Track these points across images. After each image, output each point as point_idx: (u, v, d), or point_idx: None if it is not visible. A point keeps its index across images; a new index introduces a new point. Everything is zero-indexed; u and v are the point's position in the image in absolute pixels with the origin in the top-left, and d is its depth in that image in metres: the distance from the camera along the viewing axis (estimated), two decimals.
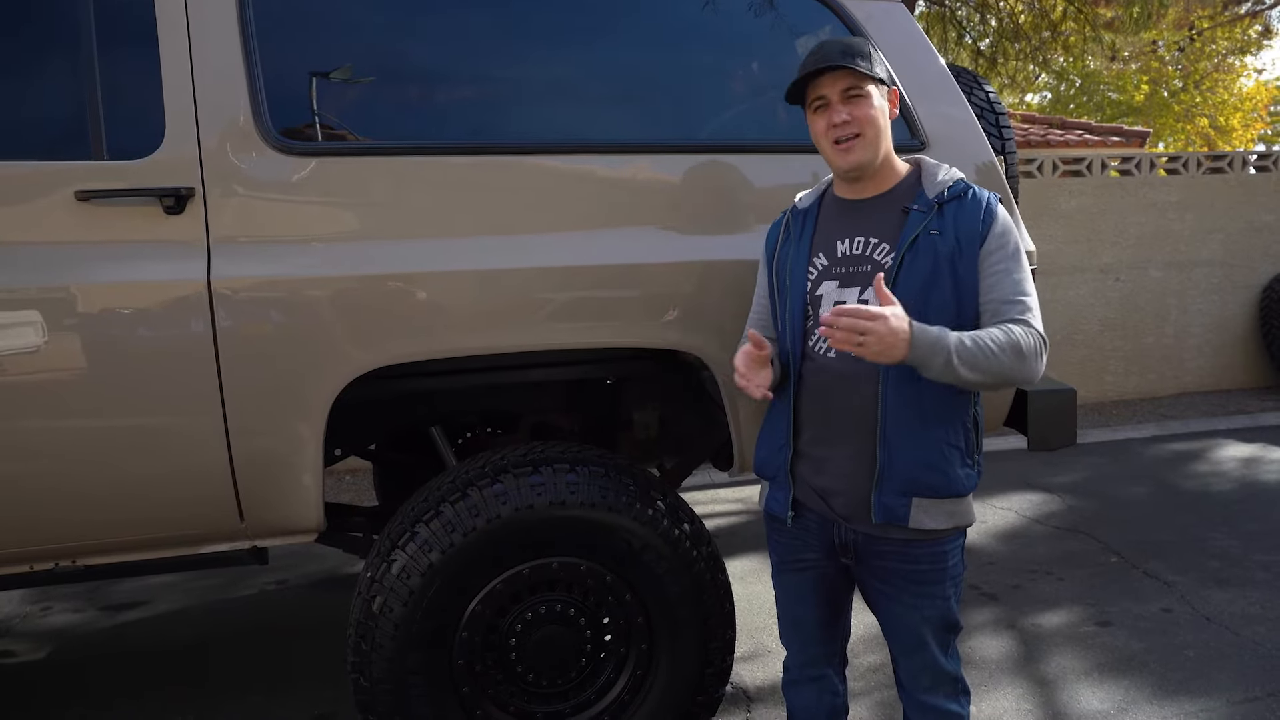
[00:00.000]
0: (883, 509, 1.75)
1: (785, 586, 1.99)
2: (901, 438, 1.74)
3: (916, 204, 1.77)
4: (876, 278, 1.62)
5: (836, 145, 1.77)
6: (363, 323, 2.05)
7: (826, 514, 1.85)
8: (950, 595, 1.84)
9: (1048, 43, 9.96)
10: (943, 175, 1.80)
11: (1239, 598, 3.45)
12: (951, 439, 1.77)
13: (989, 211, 1.74)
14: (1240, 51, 17.51)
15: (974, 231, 1.72)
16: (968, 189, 1.77)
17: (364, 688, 2.08)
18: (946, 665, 1.88)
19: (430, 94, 2.30)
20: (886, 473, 1.75)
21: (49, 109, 2.01)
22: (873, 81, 1.75)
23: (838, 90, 1.75)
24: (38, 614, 3.67)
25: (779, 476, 1.90)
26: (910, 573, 1.80)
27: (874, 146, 1.76)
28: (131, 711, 2.88)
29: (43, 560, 2.08)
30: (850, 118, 1.74)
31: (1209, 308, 7.23)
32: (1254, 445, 5.69)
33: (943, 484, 1.76)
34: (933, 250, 1.72)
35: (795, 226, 1.91)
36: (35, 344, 1.91)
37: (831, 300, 1.80)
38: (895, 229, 1.76)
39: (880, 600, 1.87)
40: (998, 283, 1.72)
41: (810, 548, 1.90)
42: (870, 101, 1.75)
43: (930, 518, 1.76)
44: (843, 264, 1.81)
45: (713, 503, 4.95)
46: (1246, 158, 7.26)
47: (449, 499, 2.11)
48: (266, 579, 3.97)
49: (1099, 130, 12.15)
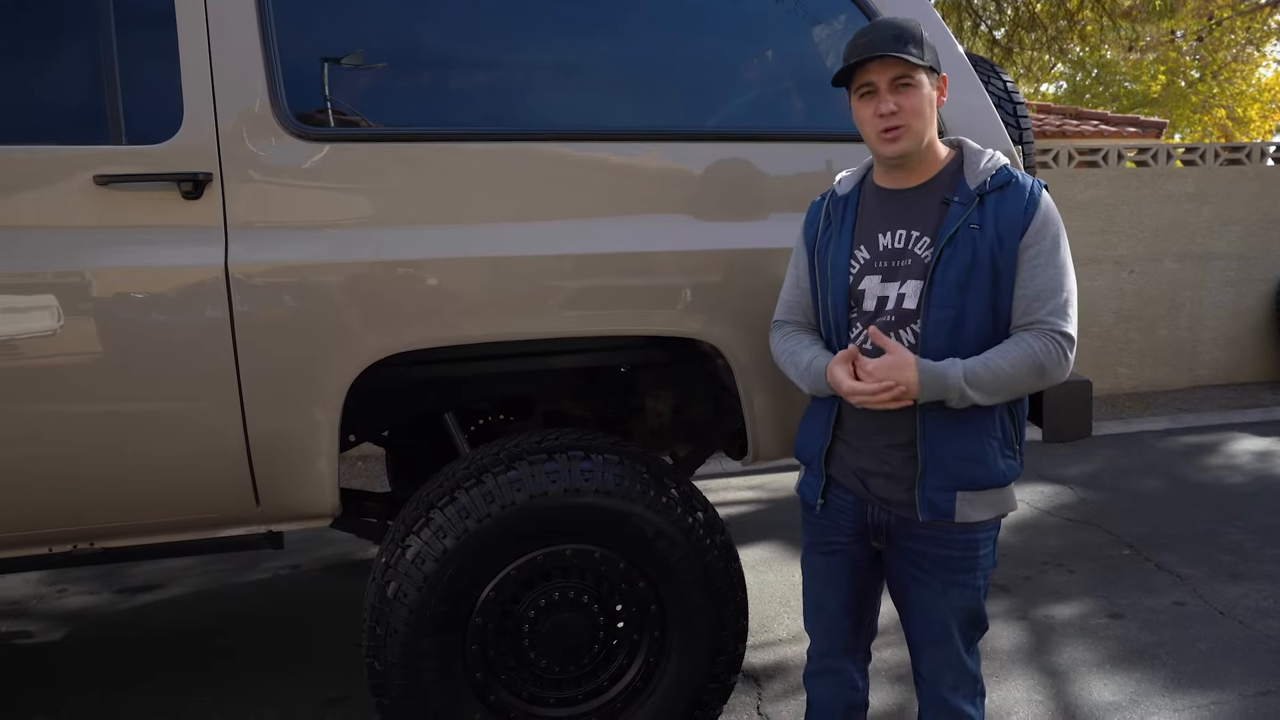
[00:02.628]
0: (928, 505, 1.74)
1: (813, 569, 1.97)
2: (942, 433, 1.73)
3: (957, 196, 1.72)
4: (871, 329, 1.68)
5: (882, 134, 1.72)
6: (378, 309, 2.06)
7: (862, 494, 1.84)
8: (980, 586, 1.82)
9: (1064, 32, 9.87)
10: (985, 163, 1.75)
11: (1252, 591, 3.44)
12: (991, 430, 1.75)
13: (1032, 201, 1.70)
14: (1259, 42, 17.32)
15: (1015, 223, 1.69)
16: (1011, 177, 1.73)
17: (378, 671, 2.10)
18: (969, 663, 1.86)
19: (446, 80, 2.30)
20: (929, 469, 1.74)
21: (67, 94, 2.01)
22: (923, 70, 1.70)
23: (886, 78, 1.69)
24: (54, 595, 3.71)
25: (813, 463, 1.90)
26: (943, 557, 1.78)
27: (919, 137, 1.72)
28: (147, 693, 2.91)
29: (61, 542, 2.09)
30: (898, 108, 1.69)
31: (1224, 300, 7.18)
32: (1268, 439, 5.66)
33: (985, 475, 1.75)
34: (972, 244, 1.68)
35: (836, 214, 1.87)
36: (53, 328, 1.92)
37: (875, 296, 1.77)
38: (936, 221, 1.73)
39: (909, 585, 1.84)
40: (1032, 277, 1.69)
41: (841, 530, 1.89)
42: (920, 91, 1.69)
43: (975, 509, 1.75)
44: (884, 258, 1.77)
45: (726, 490, 4.95)
46: (1264, 149, 7.19)
47: (464, 485, 2.12)
48: (281, 563, 4.00)
49: (1115, 121, 12.05)
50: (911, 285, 1.73)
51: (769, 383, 2.29)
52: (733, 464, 5.28)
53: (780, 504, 4.73)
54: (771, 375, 2.27)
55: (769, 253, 2.25)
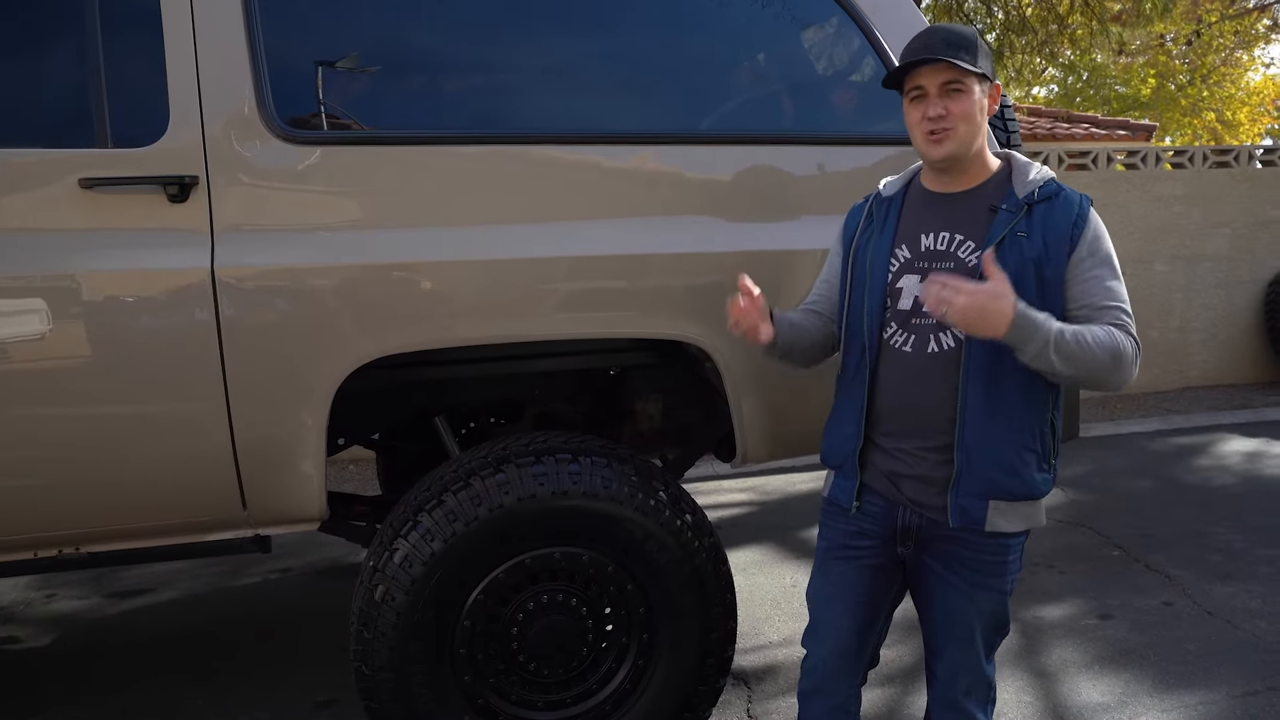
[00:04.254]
0: (959, 511, 1.73)
1: (827, 578, 1.91)
2: (980, 440, 1.71)
3: (1005, 204, 1.72)
4: (986, 253, 1.59)
5: (929, 136, 1.72)
6: (366, 312, 2.05)
7: (894, 497, 1.81)
8: (1008, 590, 1.81)
9: (1054, 36, 9.90)
10: (1034, 174, 1.75)
11: (1240, 592, 3.45)
12: (1029, 443, 1.73)
13: (1081, 216, 1.70)
14: (1248, 45, 17.42)
15: (1063, 235, 1.68)
16: (1059, 190, 1.72)
17: (366, 676, 2.09)
18: (987, 669, 1.85)
19: (435, 83, 2.30)
20: (964, 475, 1.72)
21: (53, 96, 2.01)
22: (975, 77, 1.70)
23: (937, 83, 1.69)
24: (42, 601, 3.69)
25: (846, 465, 1.86)
26: (973, 560, 1.77)
27: (967, 142, 1.72)
28: (137, 698, 2.89)
29: (46, 546, 2.08)
30: (946, 112, 1.69)
31: (1214, 302, 7.22)
32: (1257, 440, 5.69)
33: (1020, 487, 1.73)
34: (1019, 252, 1.68)
35: (879, 214, 1.86)
36: (40, 331, 1.91)
37: (911, 295, 1.76)
38: (982, 227, 1.73)
39: (936, 587, 1.82)
40: (1091, 289, 1.68)
41: (867, 535, 1.85)
42: (969, 97, 1.69)
43: (1006, 520, 1.74)
44: (925, 258, 1.77)
45: (717, 493, 4.95)
46: (1253, 152, 7.24)
47: (452, 488, 2.11)
48: (270, 567, 3.99)
49: (1105, 124, 12.09)
50: None
51: (757, 385, 2.29)
52: (723, 466, 5.28)
53: (771, 506, 4.73)
54: (760, 378, 2.27)
55: (758, 255, 2.26)
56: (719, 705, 2.69)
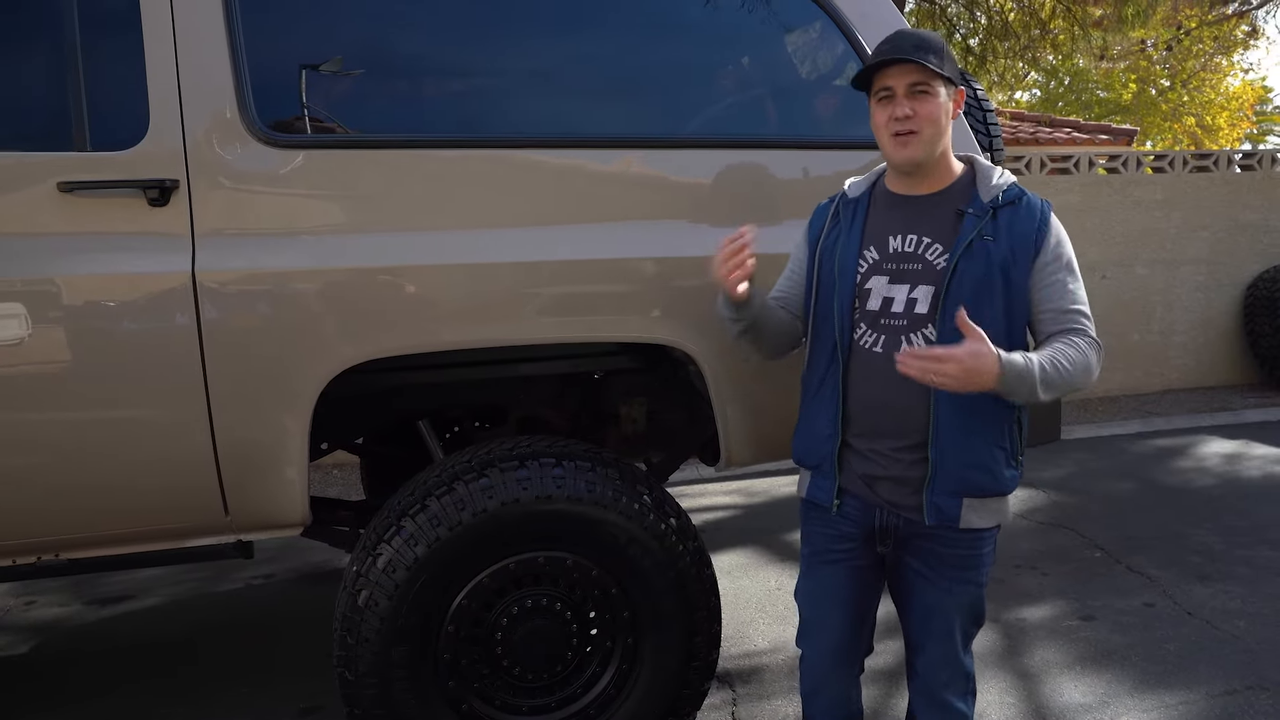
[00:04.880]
0: (934, 509, 1.77)
1: (816, 582, 1.96)
2: (953, 439, 1.75)
3: (971, 208, 1.76)
4: (959, 313, 1.61)
5: (894, 138, 1.75)
6: (348, 316, 2.05)
7: (870, 499, 1.85)
8: (983, 583, 1.86)
9: (1037, 41, 9.99)
10: (997, 179, 1.79)
11: (1220, 592, 3.49)
12: (999, 440, 1.78)
13: (1044, 221, 1.75)
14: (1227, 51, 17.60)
15: (1028, 240, 1.73)
16: (1022, 194, 1.77)
17: (349, 681, 2.08)
18: (965, 661, 1.89)
19: (417, 86, 2.29)
20: (939, 473, 1.76)
21: (31, 99, 1.99)
22: (941, 79, 1.73)
23: (904, 84, 1.73)
24: (22, 608, 3.65)
25: (824, 465, 1.89)
26: (950, 556, 1.81)
27: (931, 145, 1.75)
28: (118, 706, 2.87)
29: (25, 554, 2.06)
30: (912, 113, 1.72)
31: (1194, 305, 7.28)
32: (1237, 441, 5.74)
33: (991, 484, 1.78)
34: (986, 255, 1.72)
35: (845, 215, 1.89)
36: (18, 336, 1.89)
37: (880, 295, 1.80)
38: (949, 230, 1.77)
39: (915, 584, 1.86)
40: (1055, 294, 1.74)
41: (847, 537, 1.89)
42: (936, 100, 1.73)
43: (979, 516, 1.79)
44: (893, 260, 1.80)
45: (703, 496, 4.96)
46: (1232, 156, 7.31)
47: (435, 493, 2.11)
48: (253, 573, 3.96)
49: (1087, 128, 12.19)
50: (923, 290, 1.76)
51: (741, 389, 2.30)
52: (708, 470, 5.29)
53: (757, 509, 4.74)
54: (743, 382, 2.28)
55: None
56: (704, 709, 2.69)
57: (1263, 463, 5.24)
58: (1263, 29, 17.48)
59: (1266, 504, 4.50)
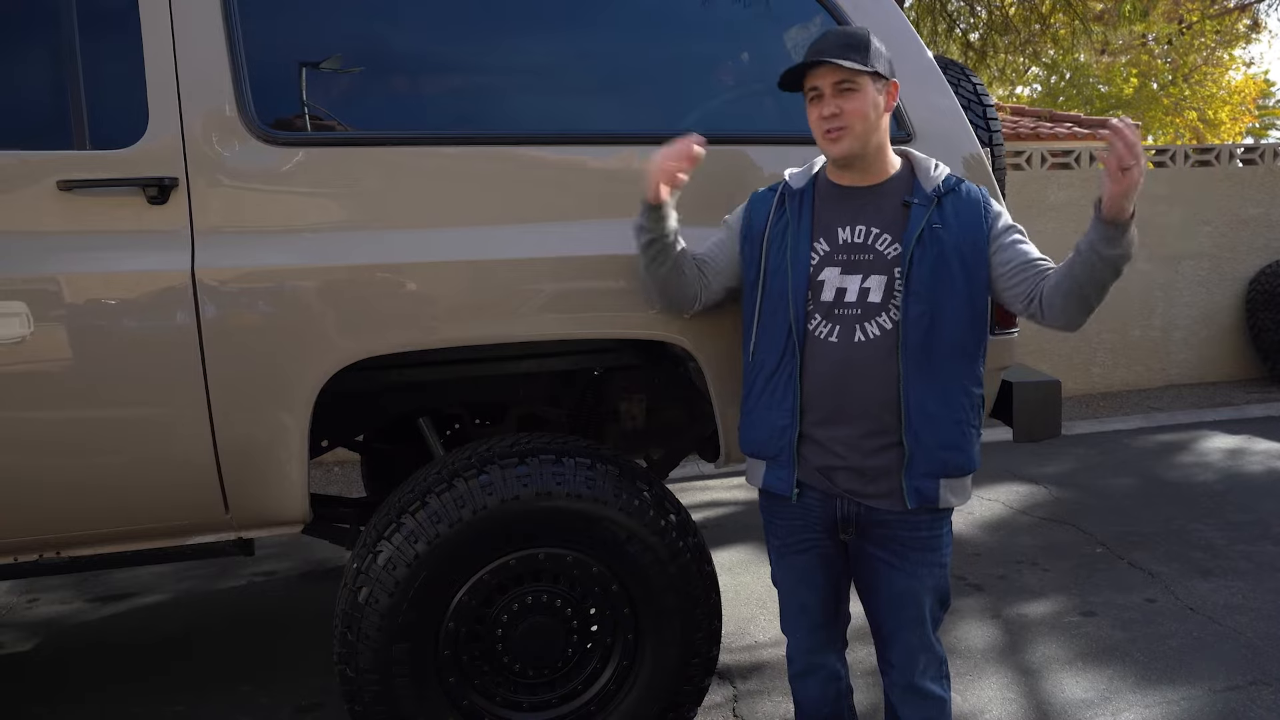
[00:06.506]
0: (915, 493, 1.81)
1: (789, 570, 2.01)
2: (926, 422, 1.79)
3: (916, 198, 1.82)
4: (1113, 121, 1.67)
5: (826, 135, 1.82)
6: (349, 313, 2.04)
7: (829, 490, 1.88)
8: (946, 564, 1.91)
9: (1037, 35, 9.96)
10: (934, 170, 1.87)
11: (1222, 588, 3.48)
12: (967, 418, 1.84)
13: (986, 204, 1.85)
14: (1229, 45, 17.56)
15: (976, 222, 1.82)
16: (959, 182, 1.86)
17: (350, 678, 2.09)
18: (937, 645, 1.93)
19: (417, 83, 2.29)
20: (915, 457, 1.80)
21: (30, 98, 1.99)
22: (867, 76, 1.77)
23: (829, 83, 1.79)
24: (24, 606, 3.66)
25: (782, 456, 1.90)
26: (912, 540, 1.86)
27: (862, 139, 1.81)
28: (120, 703, 2.87)
29: (27, 551, 2.07)
30: (839, 110, 1.78)
31: (1196, 300, 7.27)
32: (1239, 437, 5.73)
33: (966, 463, 1.85)
34: (938, 241, 1.79)
35: (791, 207, 1.92)
36: (19, 334, 1.89)
37: (834, 286, 1.84)
38: (896, 221, 1.83)
39: (881, 571, 1.89)
40: (1018, 251, 1.83)
41: (811, 527, 1.93)
42: (861, 95, 1.78)
43: (955, 496, 1.85)
44: (844, 250, 1.85)
45: (700, 492, 4.96)
46: (1234, 151, 7.29)
47: (435, 490, 2.11)
48: (254, 570, 3.97)
49: (1088, 123, 12.16)
50: (875, 280, 1.81)
51: (740, 386, 2.29)
52: (708, 466, 5.29)
53: (755, 506, 4.72)
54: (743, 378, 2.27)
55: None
56: (705, 705, 2.69)
57: (1265, 458, 5.24)
58: (1264, 23, 17.45)
59: (1268, 499, 4.50)
